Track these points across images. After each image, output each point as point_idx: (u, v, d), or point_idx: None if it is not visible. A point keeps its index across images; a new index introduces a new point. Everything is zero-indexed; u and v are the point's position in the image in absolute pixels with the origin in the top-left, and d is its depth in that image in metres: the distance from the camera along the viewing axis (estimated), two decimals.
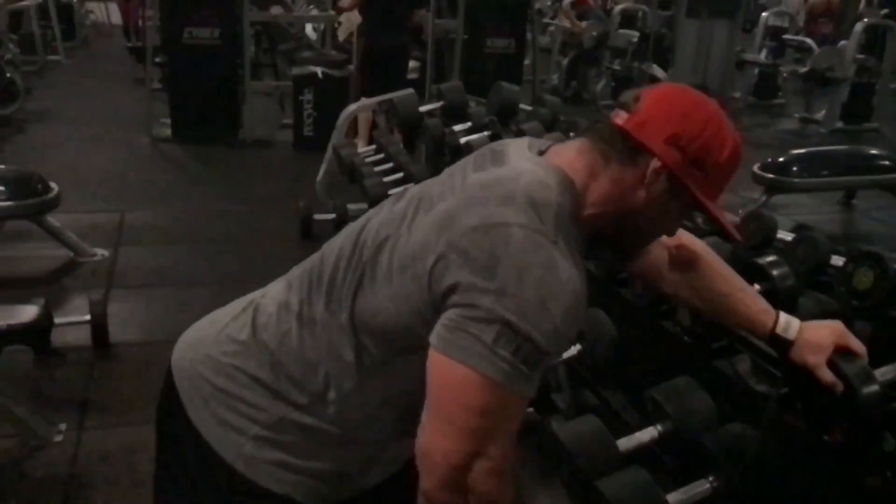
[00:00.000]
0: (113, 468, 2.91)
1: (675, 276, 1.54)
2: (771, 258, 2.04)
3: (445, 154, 4.09)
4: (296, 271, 1.35)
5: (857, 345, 1.46)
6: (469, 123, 4.29)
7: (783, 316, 1.49)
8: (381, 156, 4.81)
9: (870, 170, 6.29)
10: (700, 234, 1.93)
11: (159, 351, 1.64)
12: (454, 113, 4.51)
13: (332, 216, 5.13)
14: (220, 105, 8.05)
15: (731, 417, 1.87)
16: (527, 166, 1.19)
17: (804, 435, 1.61)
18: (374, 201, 3.25)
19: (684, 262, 1.52)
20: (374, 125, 6.65)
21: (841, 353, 1.44)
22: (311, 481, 1.25)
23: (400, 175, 4.43)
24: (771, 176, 5.94)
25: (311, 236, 5.38)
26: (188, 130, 7.98)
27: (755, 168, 5.98)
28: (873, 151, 6.73)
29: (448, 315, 1.08)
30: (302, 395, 1.23)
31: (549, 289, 1.06)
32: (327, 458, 1.26)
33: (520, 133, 3.79)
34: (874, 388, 1.44)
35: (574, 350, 2.41)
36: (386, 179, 4.43)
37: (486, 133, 4.03)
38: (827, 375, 1.43)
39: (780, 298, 1.90)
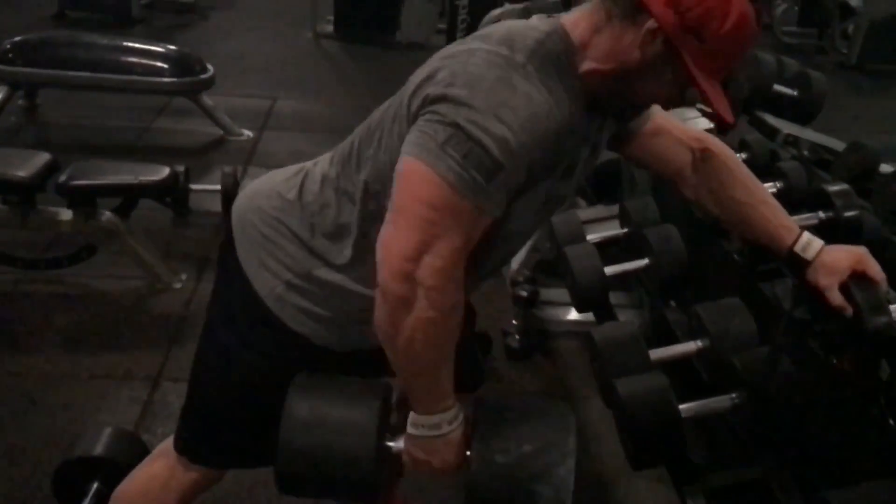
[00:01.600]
0: None
1: (697, 181, 1.54)
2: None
3: None
4: (340, 145, 1.47)
5: (877, 272, 1.41)
6: None
7: (805, 235, 1.47)
8: None
9: None
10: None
11: None
12: None
13: None
14: (381, 6, 8.23)
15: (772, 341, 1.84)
16: (521, 21, 1.23)
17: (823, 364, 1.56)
18: None
19: (707, 166, 1.52)
20: None
21: (858, 277, 1.40)
22: (324, 329, 1.41)
23: None
24: None
25: None
26: (349, 28, 8.26)
27: None
28: None
29: (415, 125, 1.18)
30: (332, 254, 1.36)
31: (501, 99, 1.12)
32: (342, 312, 1.40)
33: None
34: (883, 318, 1.36)
35: (642, 263, 2.40)
36: None
37: None
38: (836, 299, 1.40)
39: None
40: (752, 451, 1.75)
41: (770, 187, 2.68)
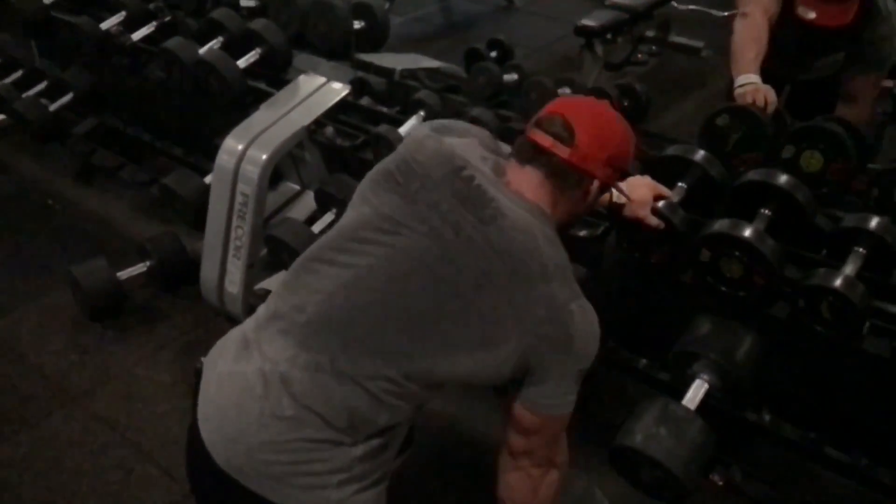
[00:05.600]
0: None
1: None
2: None
3: None
4: (297, 324, 1.35)
5: (666, 191, 1.87)
6: None
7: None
8: None
9: None
10: None
11: None
12: None
13: None
14: None
15: None
16: (526, 218, 1.36)
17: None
18: None
19: None
20: None
21: (657, 199, 1.83)
22: (376, 489, 1.39)
23: None
24: None
25: None
26: None
27: None
28: None
29: (546, 385, 1.36)
30: (356, 433, 1.33)
31: (597, 334, 1.38)
32: (384, 464, 1.41)
33: None
34: (682, 213, 1.84)
35: None
36: None
37: None
38: (653, 221, 1.82)
39: None
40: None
41: (415, 120, 2.50)
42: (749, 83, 2.25)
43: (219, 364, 1.40)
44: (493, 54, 3.42)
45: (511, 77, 2.82)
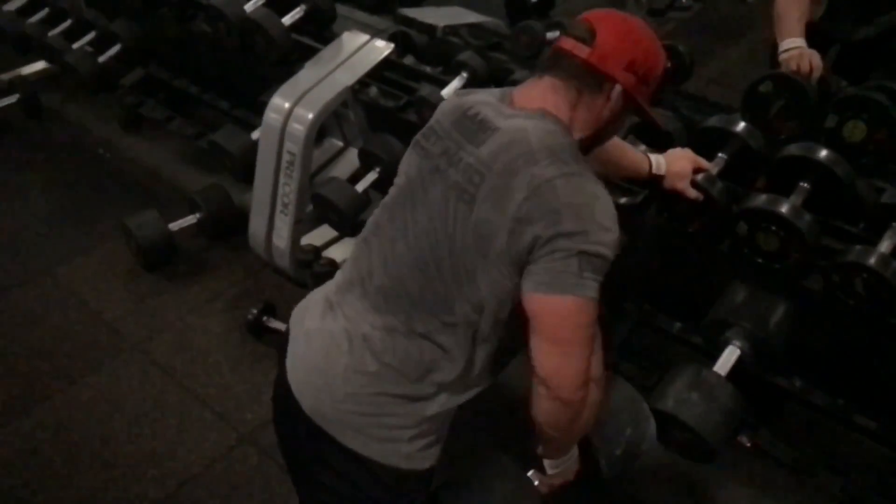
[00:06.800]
0: None
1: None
2: None
3: None
4: (370, 291, 1.45)
5: (705, 163, 1.91)
6: None
7: (653, 157, 1.85)
8: None
9: None
10: None
11: None
12: None
13: None
14: None
15: None
16: (520, 123, 1.37)
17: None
18: None
19: None
20: None
21: (697, 172, 1.89)
22: (440, 446, 1.50)
23: None
24: None
25: None
26: None
27: None
28: None
29: (537, 265, 1.31)
30: (430, 387, 1.43)
31: (599, 211, 1.31)
32: (449, 420, 1.51)
33: None
34: (721, 186, 1.90)
35: None
36: None
37: None
38: (692, 193, 1.88)
39: None
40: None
41: (458, 81, 2.53)
42: (794, 47, 2.23)
43: (306, 322, 1.51)
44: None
45: (554, 35, 2.81)
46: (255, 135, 2.80)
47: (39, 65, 4.03)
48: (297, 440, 1.51)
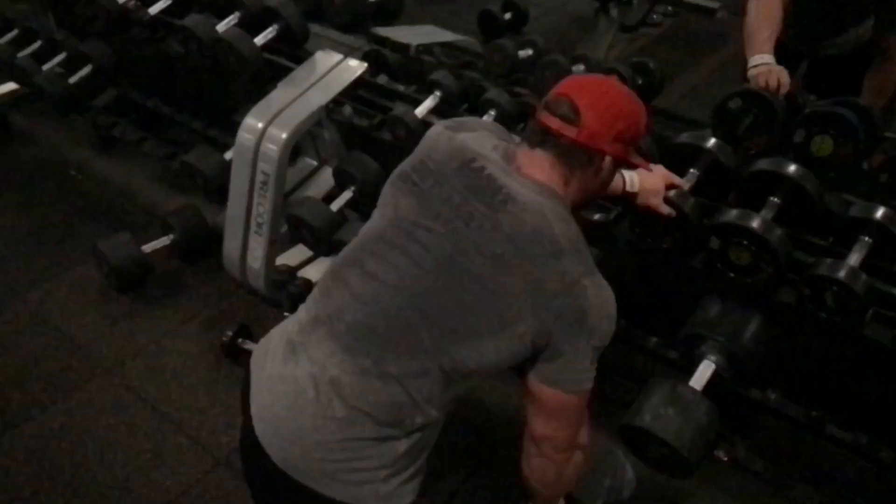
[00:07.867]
0: None
1: None
2: None
3: None
4: (340, 331, 1.42)
5: (678, 180, 1.93)
6: None
7: (627, 175, 1.83)
8: None
9: None
10: None
11: None
12: None
13: None
14: None
15: None
16: (537, 200, 1.40)
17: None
18: None
19: None
20: None
21: (669, 188, 1.89)
22: (419, 478, 1.50)
23: None
24: None
25: None
26: None
27: None
28: None
29: (554, 363, 1.39)
30: (402, 429, 1.41)
31: (613, 311, 1.41)
32: (426, 455, 1.51)
33: None
34: (693, 201, 1.90)
35: None
36: None
37: None
38: (665, 209, 1.89)
39: None
40: None
41: (431, 100, 2.54)
42: (762, 63, 2.27)
43: (266, 366, 1.47)
44: (508, 16, 3.44)
45: (526, 53, 2.84)
46: (228, 155, 2.78)
47: (9, 86, 3.98)
48: (273, 493, 1.48)
